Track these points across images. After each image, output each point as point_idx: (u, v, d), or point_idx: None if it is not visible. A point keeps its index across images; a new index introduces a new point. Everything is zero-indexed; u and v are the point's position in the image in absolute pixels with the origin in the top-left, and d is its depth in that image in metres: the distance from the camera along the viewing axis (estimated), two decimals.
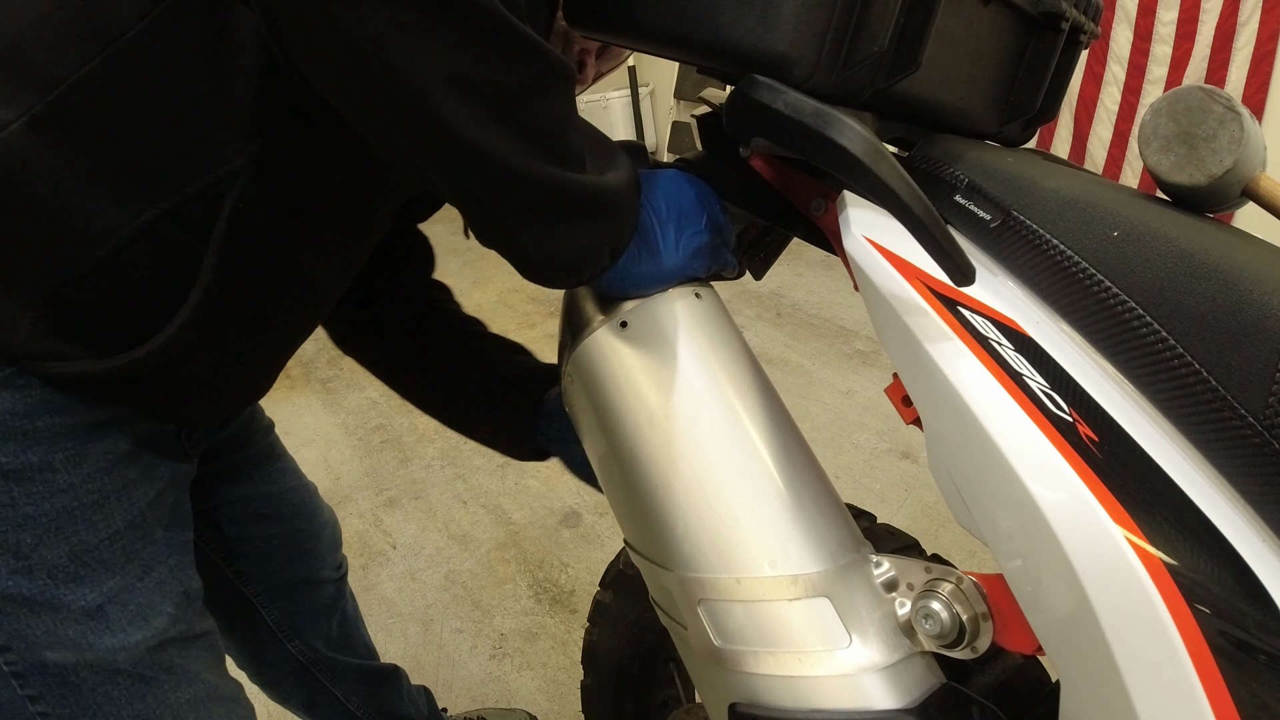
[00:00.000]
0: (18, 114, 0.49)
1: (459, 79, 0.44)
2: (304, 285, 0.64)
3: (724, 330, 0.62)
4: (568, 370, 0.65)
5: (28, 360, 0.53)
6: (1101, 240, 0.49)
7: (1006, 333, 0.49)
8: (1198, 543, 0.42)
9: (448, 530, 1.96)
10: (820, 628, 0.54)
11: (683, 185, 0.63)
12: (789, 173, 0.65)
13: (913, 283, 0.51)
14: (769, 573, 0.55)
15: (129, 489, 0.60)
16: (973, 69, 0.63)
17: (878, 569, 0.57)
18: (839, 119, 0.48)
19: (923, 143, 0.62)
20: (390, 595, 1.76)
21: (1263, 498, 0.43)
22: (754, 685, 0.56)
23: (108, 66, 0.50)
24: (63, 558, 0.57)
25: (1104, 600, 0.42)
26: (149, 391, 0.59)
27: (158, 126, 0.52)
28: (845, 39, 0.51)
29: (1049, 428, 0.45)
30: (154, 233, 0.53)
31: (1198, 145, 0.54)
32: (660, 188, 0.62)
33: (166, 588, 0.63)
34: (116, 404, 0.58)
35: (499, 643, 1.62)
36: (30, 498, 0.55)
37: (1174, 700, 0.40)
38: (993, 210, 0.54)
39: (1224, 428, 0.44)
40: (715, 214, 0.64)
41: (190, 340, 0.56)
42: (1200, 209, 0.58)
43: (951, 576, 0.54)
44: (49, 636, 0.57)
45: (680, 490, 0.58)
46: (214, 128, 0.53)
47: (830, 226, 0.64)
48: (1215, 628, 0.40)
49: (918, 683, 0.54)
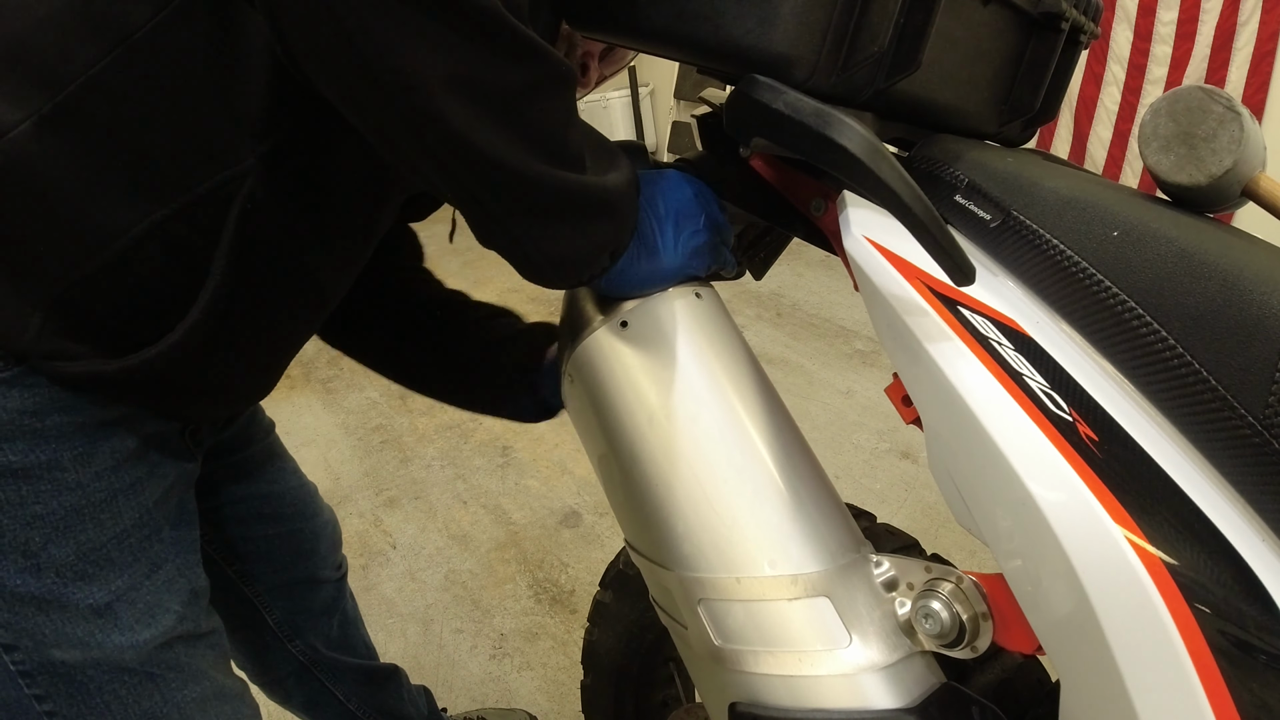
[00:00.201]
0: (26, 114, 0.49)
1: (460, 80, 0.44)
2: (310, 284, 0.64)
3: (724, 330, 0.62)
4: (568, 370, 0.65)
5: (36, 359, 0.53)
6: (1101, 240, 0.49)
7: (1006, 332, 0.49)
8: (1197, 542, 0.42)
9: (448, 530, 1.96)
10: (820, 627, 0.54)
11: (682, 185, 0.63)
12: (789, 173, 0.65)
13: (913, 283, 0.51)
14: (769, 572, 0.55)
15: (136, 487, 0.60)
16: (972, 69, 0.63)
17: (878, 569, 0.57)
18: (839, 119, 0.48)
19: (923, 143, 0.62)
20: (390, 595, 1.76)
21: (1262, 497, 0.43)
22: (754, 685, 0.56)
23: (117, 67, 0.50)
24: (70, 556, 0.57)
25: (1104, 600, 0.42)
26: (156, 391, 0.59)
27: (167, 127, 0.52)
28: (845, 39, 0.51)
29: (1049, 427, 0.45)
30: (163, 233, 0.53)
31: (1198, 145, 0.54)
32: (659, 188, 0.62)
33: (174, 586, 0.63)
34: (124, 403, 0.58)
35: (499, 643, 1.62)
36: (39, 496, 0.55)
37: (1174, 700, 0.40)
38: (993, 210, 0.54)
39: (1224, 428, 0.44)
40: (714, 214, 0.64)
41: (198, 340, 0.56)
42: (1200, 209, 0.58)
43: (951, 576, 0.54)
44: (57, 635, 0.57)
45: (680, 490, 0.58)
46: (224, 128, 0.53)
47: (830, 227, 0.64)
48: (1215, 627, 0.40)
49: (918, 682, 0.54)
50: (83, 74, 0.50)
